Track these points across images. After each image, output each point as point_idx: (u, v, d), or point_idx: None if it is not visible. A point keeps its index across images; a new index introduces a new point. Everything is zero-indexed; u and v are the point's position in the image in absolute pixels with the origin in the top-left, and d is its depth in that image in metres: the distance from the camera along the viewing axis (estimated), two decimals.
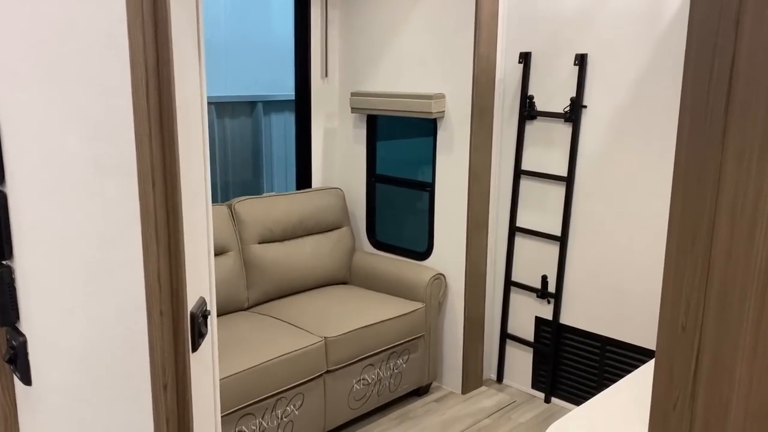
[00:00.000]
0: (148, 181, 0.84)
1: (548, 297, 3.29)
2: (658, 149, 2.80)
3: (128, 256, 0.87)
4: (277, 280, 3.24)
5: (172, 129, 0.87)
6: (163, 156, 0.87)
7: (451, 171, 3.29)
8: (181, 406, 0.86)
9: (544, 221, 3.25)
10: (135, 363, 0.87)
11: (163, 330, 0.86)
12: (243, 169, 4.08)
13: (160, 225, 0.86)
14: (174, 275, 0.89)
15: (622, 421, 1.62)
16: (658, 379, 0.82)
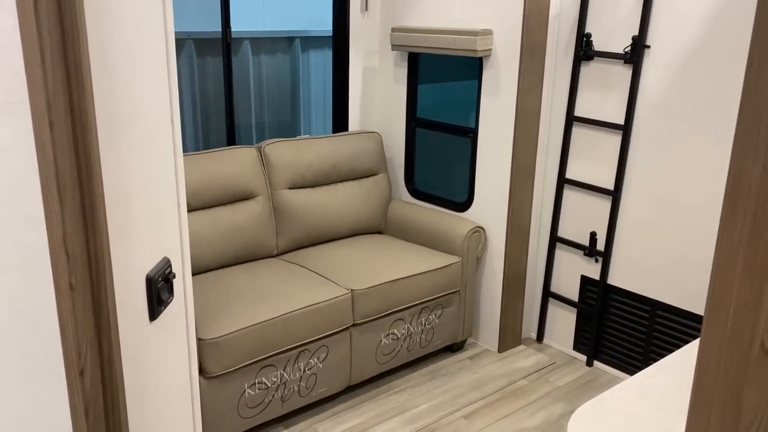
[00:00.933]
0: (44, 123, 0.68)
1: (596, 255, 3.05)
2: (730, 97, 2.48)
3: (29, 217, 0.72)
4: (308, 228, 3.11)
5: (79, 58, 0.70)
6: (68, 91, 0.70)
7: (496, 116, 3.04)
8: (108, 393, 0.74)
9: (595, 173, 2.98)
10: (46, 344, 0.74)
11: (75, 307, 0.72)
12: (279, 109, 3.92)
13: (63, 178, 0.70)
14: (91, 240, 0.74)
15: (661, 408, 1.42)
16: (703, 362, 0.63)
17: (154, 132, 0.89)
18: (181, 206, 1.00)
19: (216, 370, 2.31)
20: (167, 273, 0.94)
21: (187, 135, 3.56)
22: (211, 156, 2.86)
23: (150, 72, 0.88)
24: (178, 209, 0.99)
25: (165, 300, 0.93)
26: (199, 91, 3.53)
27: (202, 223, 2.76)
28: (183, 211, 1.01)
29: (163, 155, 0.92)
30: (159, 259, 0.93)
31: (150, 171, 0.88)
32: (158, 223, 0.91)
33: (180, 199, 0.99)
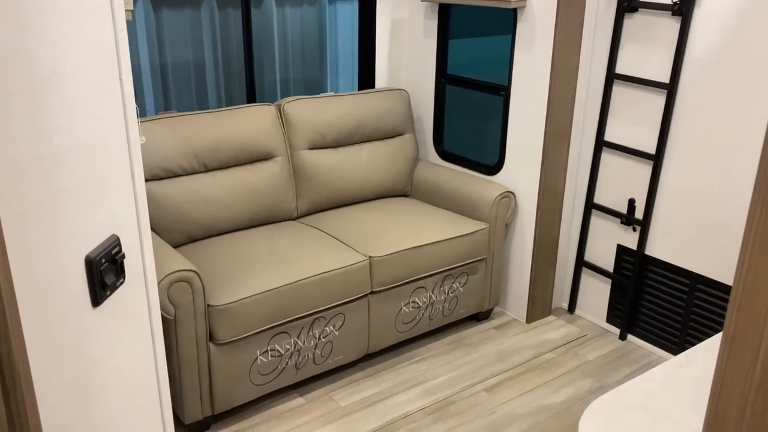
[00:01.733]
0: None
1: (634, 224, 2.85)
2: None
3: None
4: (329, 191, 2.99)
5: None
6: None
7: (530, 72, 2.83)
8: (11, 400, 0.65)
9: (636, 136, 2.76)
10: None
11: None
12: (305, 65, 3.77)
13: None
14: None
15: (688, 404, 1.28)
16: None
17: (94, 93, 0.78)
18: (137, 176, 0.89)
19: (226, 336, 2.24)
20: (114, 253, 0.84)
21: (209, 92, 3.46)
22: (227, 114, 2.75)
23: (85, 23, 0.75)
24: (133, 180, 0.88)
25: (111, 283, 0.84)
26: (221, 46, 3.40)
27: (218, 183, 2.67)
28: (139, 181, 0.90)
29: (109, 119, 0.81)
30: (105, 237, 0.83)
31: (89, 138, 0.77)
32: (103, 197, 0.81)
33: (135, 168, 0.88)
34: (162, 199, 2.53)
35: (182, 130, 2.60)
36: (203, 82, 3.41)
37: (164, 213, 2.54)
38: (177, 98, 3.37)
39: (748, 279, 0.54)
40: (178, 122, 2.61)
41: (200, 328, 2.19)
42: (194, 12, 3.28)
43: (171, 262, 2.15)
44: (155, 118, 2.59)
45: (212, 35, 3.36)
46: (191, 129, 2.62)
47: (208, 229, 2.67)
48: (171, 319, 2.13)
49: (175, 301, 2.11)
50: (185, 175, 2.62)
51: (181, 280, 2.10)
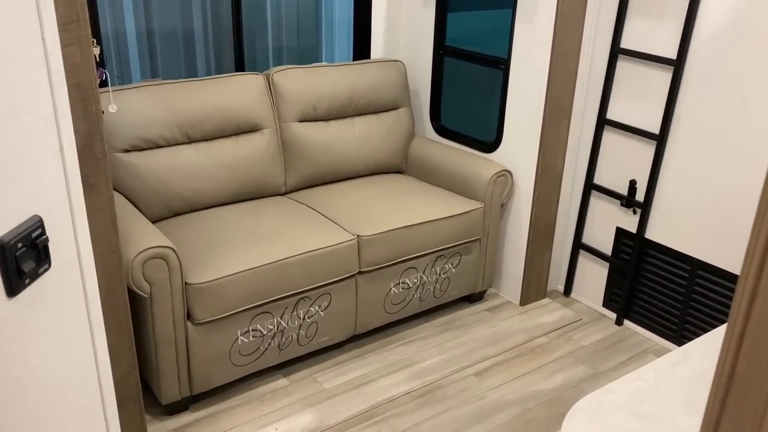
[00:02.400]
0: None
1: (634, 206, 2.75)
2: None
3: None
4: (319, 166, 2.89)
5: None
6: None
7: (530, 45, 2.70)
8: None
9: (640, 114, 2.64)
10: None
11: None
12: (300, 34, 3.63)
13: None
14: None
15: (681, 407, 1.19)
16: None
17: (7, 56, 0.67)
18: (66, 149, 0.79)
19: (205, 316, 2.16)
20: (35, 236, 0.74)
21: (198, 61, 3.33)
22: (213, 83, 2.64)
23: None
24: (62, 153, 0.79)
25: (30, 270, 0.74)
26: (211, 12, 3.27)
27: (202, 155, 2.57)
28: (70, 154, 0.80)
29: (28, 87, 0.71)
30: (23, 219, 0.73)
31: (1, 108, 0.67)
32: (19, 174, 0.71)
33: (64, 140, 0.79)
34: (142, 171, 2.43)
35: (165, 98, 2.49)
36: (192, 49, 3.29)
37: (144, 185, 2.44)
38: (164, 66, 3.25)
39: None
40: (160, 90, 2.50)
41: (177, 307, 2.10)
42: None
43: (147, 237, 2.05)
44: (137, 85, 2.47)
45: (201, 2, 3.23)
46: (174, 98, 2.51)
47: (191, 203, 2.57)
48: (146, 297, 2.05)
49: (150, 279, 2.02)
50: (167, 146, 2.51)
51: (156, 257, 2.01)
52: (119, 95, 2.40)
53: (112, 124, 2.36)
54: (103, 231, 1.78)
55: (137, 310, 2.11)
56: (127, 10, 3.07)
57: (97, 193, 1.72)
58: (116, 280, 1.86)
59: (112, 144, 2.38)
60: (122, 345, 1.94)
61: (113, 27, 3.07)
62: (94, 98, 1.63)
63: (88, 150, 1.67)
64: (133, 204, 2.43)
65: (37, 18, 0.71)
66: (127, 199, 2.41)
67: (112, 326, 1.90)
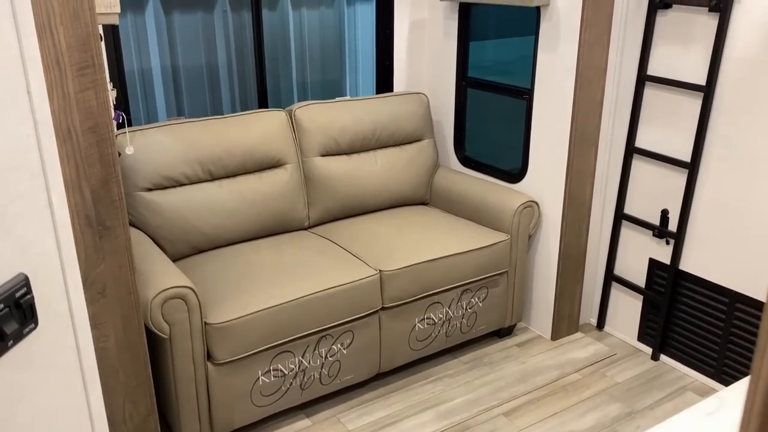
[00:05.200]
0: None
1: (667, 236, 2.65)
2: None
3: None
4: (342, 199, 2.86)
5: None
6: None
7: (554, 74, 2.65)
8: None
9: (670, 142, 2.56)
10: None
11: None
12: (323, 68, 3.65)
13: None
14: None
15: None
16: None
17: None
18: (55, 203, 0.77)
19: (225, 356, 2.13)
20: (19, 296, 0.72)
21: (223, 97, 3.37)
22: (235, 120, 2.65)
23: None
24: (50, 207, 0.76)
25: (13, 332, 0.72)
26: (235, 50, 3.30)
27: (225, 192, 2.57)
28: (60, 209, 0.78)
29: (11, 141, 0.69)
30: (6, 278, 0.71)
31: None
32: (3, 231, 0.69)
33: (52, 194, 0.76)
34: (165, 209, 2.44)
35: (186, 137, 2.50)
36: (217, 86, 3.32)
37: (167, 223, 2.44)
38: (190, 103, 3.29)
39: None
40: (182, 129, 2.52)
41: (197, 347, 2.08)
42: (207, 14, 3.19)
43: (166, 277, 2.04)
44: (159, 125, 2.49)
45: (225, 38, 3.27)
46: (196, 136, 2.52)
47: (214, 239, 2.56)
48: (166, 337, 2.03)
49: (170, 319, 2.01)
50: (189, 184, 2.52)
51: (176, 297, 2.00)
52: (142, 135, 2.42)
53: (134, 164, 2.38)
54: (120, 273, 1.77)
55: (157, 351, 2.09)
56: (152, 48, 3.12)
57: (113, 235, 1.71)
58: (134, 322, 1.84)
59: (134, 183, 2.39)
60: (141, 388, 1.92)
61: (138, 65, 3.12)
62: (110, 141, 1.64)
63: (104, 192, 1.67)
64: (155, 242, 2.43)
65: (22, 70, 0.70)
66: (149, 237, 2.42)
67: (131, 368, 1.88)
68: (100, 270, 1.72)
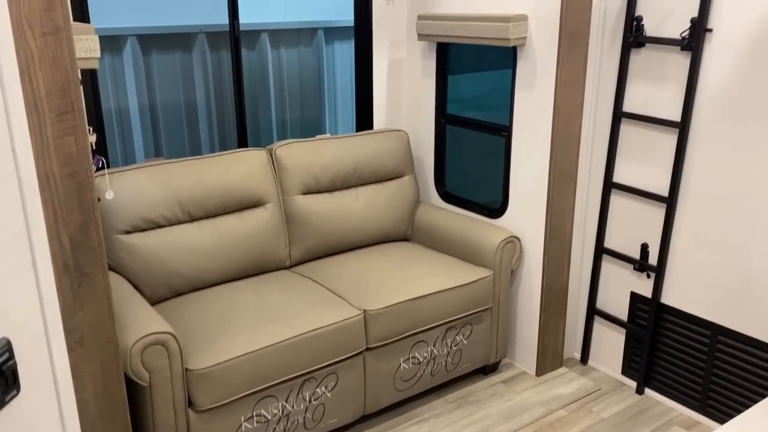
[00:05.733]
0: None
1: (648, 270, 2.67)
2: None
3: None
4: (324, 237, 2.84)
5: None
6: None
7: (532, 111, 2.69)
8: None
9: (647, 177, 2.60)
10: None
11: None
12: (302, 107, 3.66)
13: None
14: None
15: None
16: None
17: None
18: (39, 265, 0.74)
19: (207, 403, 2.07)
20: (2, 362, 0.69)
21: (201, 137, 3.35)
22: (215, 160, 2.63)
23: None
24: (35, 269, 0.74)
25: None
26: (214, 89, 3.30)
27: (204, 233, 2.53)
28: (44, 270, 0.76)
29: None
30: None
31: None
32: None
33: (37, 255, 0.74)
34: (143, 252, 2.39)
35: (165, 178, 2.47)
36: (195, 126, 3.31)
37: (146, 266, 2.40)
38: (168, 143, 3.26)
39: None
40: (162, 170, 2.49)
41: (178, 395, 2.02)
42: (185, 54, 3.19)
43: (146, 323, 1.99)
44: (138, 166, 2.46)
45: (204, 77, 3.26)
46: (175, 177, 2.50)
47: (193, 282, 2.52)
48: (146, 385, 1.97)
49: (150, 366, 1.95)
50: (169, 225, 2.48)
51: (156, 343, 1.95)
52: (120, 177, 2.38)
53: (112, 206, 2.34)
54: (98, 321, 1.72)
55: (136, 399, 2.03)
56: (130, 88, 3.11)
57: (92, 282, 1.67)
58: (113, 370, 1.79)
59: (112, 226, 2.35)
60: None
61: (116, 104, 3.10)
62: (90, 186, 1.61)
63: (83, 239, 1.63)
64: (133, 285, 2.38)
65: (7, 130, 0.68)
66: (127, 281, 2.37)
67: (109, 419, 1.81)
68: (78, 318, 1.67)
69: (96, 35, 1.69)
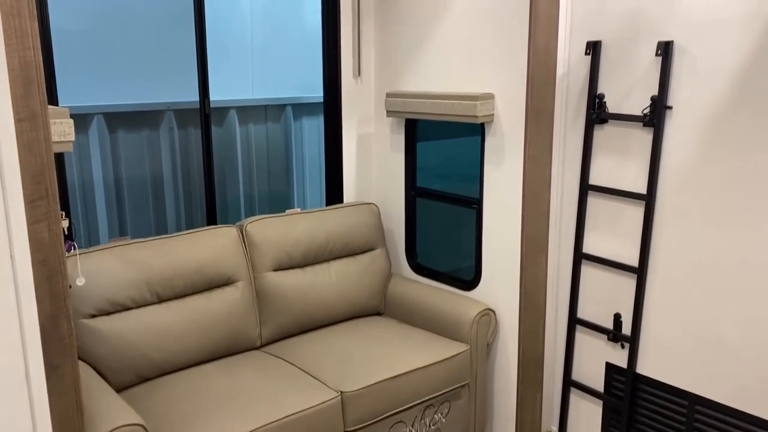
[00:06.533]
0: None
1: (622, 340, 2.68)
2: None
3: None
4: (296, 314, 2.78)
5: None
6: None
7: (501, 185, 2.74)
8: None
9: (617, 247, 2.65)
10: None
11: None
12: (270, 182, 3.65)
13: None
14: None
15: None
16: None
17: None
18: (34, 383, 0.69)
19: None
20: None
21: (168, 215, 3.29)
22: (184, 239, 2.57)
23: None
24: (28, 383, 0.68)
25: None
26: (181, 166, 3.28)
27: (173, 314, 2.45)
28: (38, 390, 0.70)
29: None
30: None
31: None
32: None
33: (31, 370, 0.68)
34: (109, 337, 2.29)
35: (133, 258, 2.40)
36: (161, 203, 3.26)
37: (112, 352, 2.29)
38: (133, 220, 3.20)
39: None
40: (129, 250, 2.42)
41: None
42: (152, 131, 3.18)
43: (115, 414, 1.89)
44: (104, 247, 2.39)
45: (171, 155, 3.24)
46: (143, 257, 2.43)
47: (161, 366, 2.41)
48: None
49: None
50: (136, 307, 2.40)
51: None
52: (86, 258, 2.31)
53: (77, 290, 2.25)
54: (67, 415, 1.62)
55: None
56: (95, 166, 3.06)
57: (61, 375, 1.58)
58: None
59: (77, 310, 2.25)
60: None
61: (80, 181, 3.03)
62: (62, 274, 1.54)
63: (53, 329, 1.55)
64: (99, 372, 2.27)
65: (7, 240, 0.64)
66: (92, 368, 2.25)
67: None
68: None
69: (71, 119, 1.66)
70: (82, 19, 2.95)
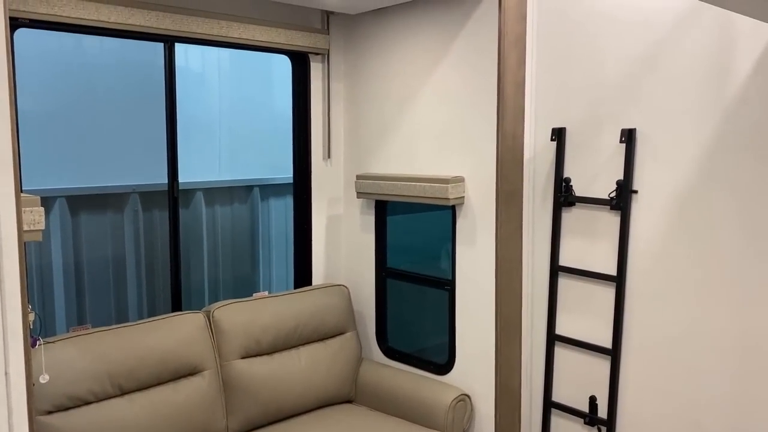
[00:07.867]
0: None
1: (598, 424, 2.64)
2: (736, 242, 2.22)
3: None
4: (265, 404, 2.66)
5: None
6: None
7: (474, 266, 2.74)
8: None
9: (589, 329, 2.65)
10: None
11: None
12: (236, 265, 3.58)
13: None
14: None
15: None
16: None
17: None
18: None
19: None
20: None
21: (129, 301, 3.17)
22: (150, 326, 2.47)
23: None
24: None
25: None
26: (145, 250, 3.19)
27: (136, 407, 2.31)
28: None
29: None
30: None
31: None
32: None
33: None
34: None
35: (94, 348, 2.28)
36: (123, 289, 3.14)
37: None
38: (93, 308, 3.06)
39: None
40: (89, 340, 2.30)
41: None
42: (116, 214, 3.10)
43: None
44: (63, 337, 2.27)
45: (135, 238, 3.15)
46: (106, 347, 2.31)
47: None
48: None
49: None
50: (97, 401, 2.26)
51: None
52: (43, 349, 2.17)
53: (36, 385, 2.10)
54: None
55: None
56: (54, 249, 2.95)
57: None
58: None
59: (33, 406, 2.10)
60: None
61: (38, 267, 2.91)
62: (27, 373, 1.44)
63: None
64: None
65: None
66: None
67: None
68: None
69: (41, 207, 1.60)
70: (47, 100, 2.91)
